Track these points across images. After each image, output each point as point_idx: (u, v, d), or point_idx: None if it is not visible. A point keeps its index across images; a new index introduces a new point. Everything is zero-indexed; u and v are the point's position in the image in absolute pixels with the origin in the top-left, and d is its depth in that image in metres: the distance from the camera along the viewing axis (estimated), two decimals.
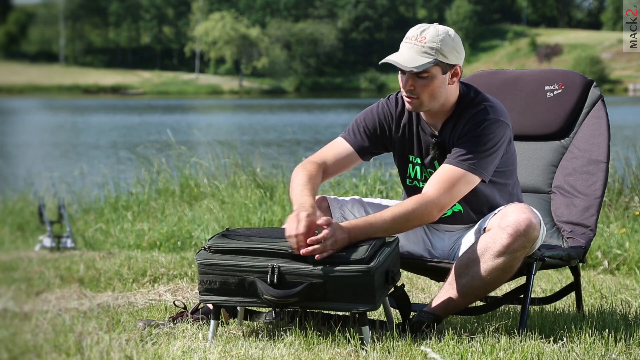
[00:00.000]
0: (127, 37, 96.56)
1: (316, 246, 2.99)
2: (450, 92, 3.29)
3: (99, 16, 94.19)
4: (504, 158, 3.32)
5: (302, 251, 2.98)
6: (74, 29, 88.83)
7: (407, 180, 3.46)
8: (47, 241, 6.95)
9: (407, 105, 3.30)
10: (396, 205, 3.19)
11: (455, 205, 3.39)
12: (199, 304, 3.39)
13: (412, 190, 3.44)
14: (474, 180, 3.23)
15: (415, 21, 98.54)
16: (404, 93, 3.28)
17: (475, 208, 3.40)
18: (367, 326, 3.02)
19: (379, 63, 3.27)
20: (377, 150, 3.48)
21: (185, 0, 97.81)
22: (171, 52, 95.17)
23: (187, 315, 3.39)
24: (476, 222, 3.42)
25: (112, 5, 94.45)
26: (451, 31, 3.25)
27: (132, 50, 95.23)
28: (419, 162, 3.41)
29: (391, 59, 3.21)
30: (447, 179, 3.19)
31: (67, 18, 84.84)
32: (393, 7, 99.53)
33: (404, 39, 3.25)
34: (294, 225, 3.00)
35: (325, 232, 3.01)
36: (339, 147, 3.44)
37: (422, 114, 3.37)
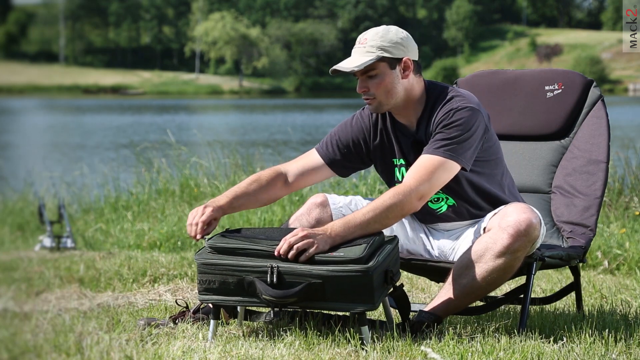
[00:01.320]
0: (127, 37, 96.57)
1: (299, 243, 2.99)
2: (408, 86, 3.31)
3: (99, 16, 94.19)
4: (485, 147, 3.32)
5: (282, 253, 2.99)
6: (74, 29, 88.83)
7: (396, 185, 3.46)
8: (47, 241, 6.95)
9: (370, 108, 3.35)
10: (376, 199, 3.20)
11: (448, 199, 3.40)
12: (201, 303, 3.39)
13: None
14: (453, 167, 3.23)
15: (415, 21, 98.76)
16: (363, 97, 3.33)
17: (468, 200, 3.40)
18: (367, 326, 3.02)
19: (330, 72, 3.33)
20: (352, 164, 3.50)
21: (185, 0, 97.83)
22: (171, 52, 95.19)
23: (188, 315, 3.39)
24: (473, 218, 3.43)
25: (112, 5, 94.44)
26: (393, 28, 3.32)
27: (132, 50, 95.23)
28: (404, 163, 3.42)
29: (337, 65, 3.28)
30: (424, 167, 3.20)
31: (67, 18, 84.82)
32: (393, 7, 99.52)
33: None
34: (198, 213, 3.18)
35: (297, 230, 3.03)
36: (309, 158, 3.50)
37: (394, 115, 3.38)
